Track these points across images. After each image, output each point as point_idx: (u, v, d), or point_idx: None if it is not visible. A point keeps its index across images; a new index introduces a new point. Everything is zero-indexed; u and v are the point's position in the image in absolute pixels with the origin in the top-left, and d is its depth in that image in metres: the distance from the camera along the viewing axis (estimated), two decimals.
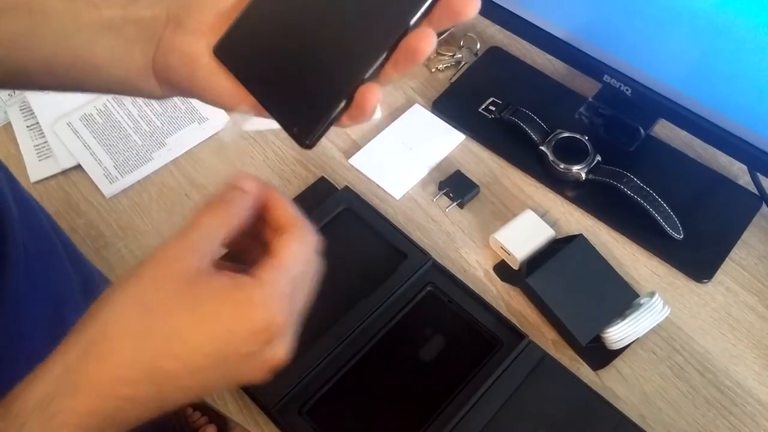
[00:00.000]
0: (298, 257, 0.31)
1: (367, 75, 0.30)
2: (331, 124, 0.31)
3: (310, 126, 0.31)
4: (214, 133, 0.70)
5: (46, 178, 0.68)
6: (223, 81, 0.33)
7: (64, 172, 0.68)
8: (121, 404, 0.28)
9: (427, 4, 0.29)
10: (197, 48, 0.33)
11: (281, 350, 0.30)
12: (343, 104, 0.30)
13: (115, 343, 0.28)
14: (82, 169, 0.68)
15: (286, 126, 0.32)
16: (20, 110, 0.72)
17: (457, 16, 0.29)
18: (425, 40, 0.29)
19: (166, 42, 0.33)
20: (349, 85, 0.30)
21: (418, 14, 0.29)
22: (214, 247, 0.30)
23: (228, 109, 0.35)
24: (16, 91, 0.74)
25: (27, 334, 0.43)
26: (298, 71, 0.32)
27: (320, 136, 0.31)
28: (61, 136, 0.69)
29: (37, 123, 0.70)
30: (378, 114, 0.71)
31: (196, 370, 0.29)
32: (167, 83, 0.35)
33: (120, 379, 0.28)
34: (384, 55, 0.30)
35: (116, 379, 0.28)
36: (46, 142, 0.69)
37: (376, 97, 0.30)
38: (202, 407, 1.06)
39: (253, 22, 0.32)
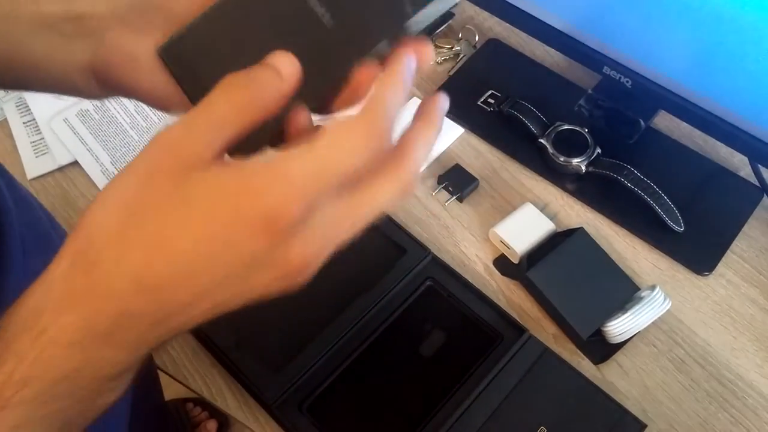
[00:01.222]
0: (343, 147, 0.24)
1: (309, 103, 0.29)
2: (266, 147, 0.30)
3: (247, 145, 0.28)
4: None
5: (43, 175, 0.67)
6: (165, 83, 0.31)
7: (61, 169, 0.68)
8: (114, 320, 0.25)
9: (386, 41, 0.28)
10: (141, 47, 0.31)
11: (296, 253, 0.25)
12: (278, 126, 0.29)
13: (100, 252, 0.25)
14: (79, 165, 0.67)
15: None
16: (16, 107, 0.71)
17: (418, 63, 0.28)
18: (372, 74, 0.28)
19: (109, 40, 0.32)
20: (287, 110, 0.28)
21: (374, 49, 0.28)
22: (224, 138, 0.25)
23: (168, 111, 0.33)
24: None
25: None
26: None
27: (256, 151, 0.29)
28: (58, 133, 0.69)
29: (34, 119, 0.70)
30: None
31: (191, 276, 0.25)
32: (107, 83, 0.33)
33: (107, 292, 0.25)
34: (332, 85, 0.29)
35: (103, 292, 0.25)
36: (42, 138, 0.69)
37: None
38: (204, 403, 1.07)
39: (206, 32, 0.31)
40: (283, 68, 0.26)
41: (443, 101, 0.29)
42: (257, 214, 0.24)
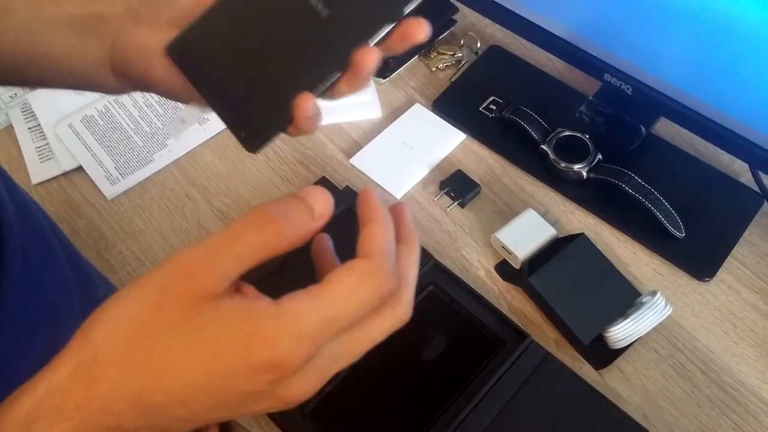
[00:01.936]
0: (351, 297, 0.25)
1: (316, 89, 0.30)
2: (277, 132, 0.31)
3: (257, 132, 0.31)
4: (216, 133, 0.70)
5: (48, 180, 0.68)
6: (178, 76, 0.33)
7: (66, 174, 0.68)
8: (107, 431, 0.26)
9: (385, 28, 0.29)
10: (154, 42, 0.33)
11: (296, 390, 0.26)
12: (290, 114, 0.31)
13: (103, 368, 0.25)
14: (84, 170, 0.68)
15: (233, 129, 0.32)
16: (22, 112, 0.72)
17: (409, 39, 0.29)
18: (371, 56, 0.29)
19: (124, 35, 0.33)
20: (294, 96, 0.30)
21: (376, 36, 0.29)
22: (244, 269, 0.25)
23: (184, 102, 0.35)
24: (18, 93, 0.74)
25: (23, 341, 0.42)
26: (250, 78, 0.32)
27: (266, 143, 0.31)
28: (63, 138, 0.69)
29: (39, 125, 0.71)
30: (378, 113, 0.71)
31: (188, 403, 0.25)
32: (124, 77, 0.35)
33: (105, 408, 0.25)
34: (335, 72, 0.30)
35: (102, 407, 0.25)
36: (47, 144, 0.69)
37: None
38: None
39: (210, 27, 0.32)
40: (317, 207, 0.26)
41: (406, 211, 0.30)
42: (265, 360, 0.24)
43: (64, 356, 0.26)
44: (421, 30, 0.30)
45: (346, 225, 0.61)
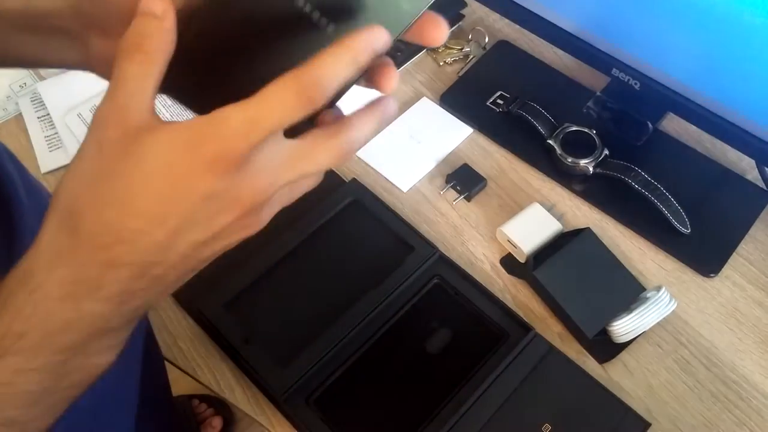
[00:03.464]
0: (279, 102, 0.27)
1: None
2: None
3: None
4: None
5: (57, 169, 0.68)
6: None
7: None
8: (100, 270, 0.28)
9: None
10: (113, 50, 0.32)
11: (246, 191, 0.28)
12: None
13: (81, 215, 0.28)
14: None
15: None
16: (31, 102, 0.72)
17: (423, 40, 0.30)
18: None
19: (89, 47, 0.33)
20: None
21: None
22: (147, 92, 0.28)
23: None
24: (27, 83, 0.74)
25: None
26: (226, 86, 0.30)
27: None
28: (72, 128, 0.70)
29: (48, 114, 0.71)
30: None
31: (160, 220, 0.27)
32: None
33: (92, 245, 0.28)
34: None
35: (89, 246, 0.28)
36: (56, 133, 0.70)
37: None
38: (209, 399, 1.07)
39: (184, 38, 0.30)
40: (156, 8, 0.28)
41: (392, 104, 0.31)
42: (204, 157, 0.27)
43: (46, 221, 0.29)
44: (437, 32, 0.30)
45: (352, 217, 0.61)
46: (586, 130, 0.65)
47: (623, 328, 0.54)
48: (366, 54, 0.27)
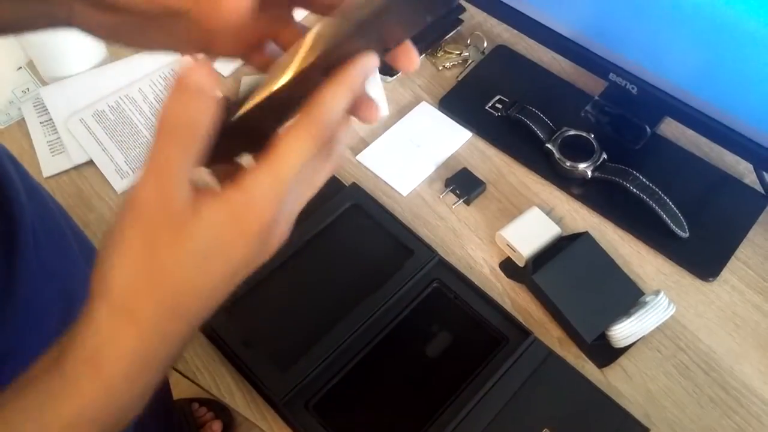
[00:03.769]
0: (297, 155, 0.28)
1: (280, 124, 0.30)
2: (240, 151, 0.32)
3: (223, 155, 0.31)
4: None
5: (59, 174, 0.69)
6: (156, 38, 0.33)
7: (77, 168, 0.69)
8: (157, 343, 0.30)
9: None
10: (103, 18, 0.32)
11: (279, 235, 0.31)
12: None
13: (134, 302, 0.29)
14: (94, 164, 0.69)
15: None
16: (34, 107, 0.73)
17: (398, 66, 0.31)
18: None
19: (76, 18, 0.33)
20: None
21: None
22: (187, 174, 0.28)
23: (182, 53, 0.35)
24: (30, 88, 0.75)
25: (36, 322, 0.43)
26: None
27: None
28: (74, 132, 0.70)
29: (50, 119, 0.71)
30: (385, 111, 0.71)
31: (213, 293, 0.30)
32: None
33: (152, 328, 0.29)
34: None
35: (147, 327, 0.29)
36: (58, 138, 0.70)
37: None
38: (209, 403, 1.08)
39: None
40: (197, 80, 0.27)
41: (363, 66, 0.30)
42: (250, 230, 0.29)
43: (92, 310, 0.29)
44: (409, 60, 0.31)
45: (352, 221, 0.62)
46: (584, 134, 0.65)
47: (622, 332, 0.54)
48: (360, 81, 0.29)
